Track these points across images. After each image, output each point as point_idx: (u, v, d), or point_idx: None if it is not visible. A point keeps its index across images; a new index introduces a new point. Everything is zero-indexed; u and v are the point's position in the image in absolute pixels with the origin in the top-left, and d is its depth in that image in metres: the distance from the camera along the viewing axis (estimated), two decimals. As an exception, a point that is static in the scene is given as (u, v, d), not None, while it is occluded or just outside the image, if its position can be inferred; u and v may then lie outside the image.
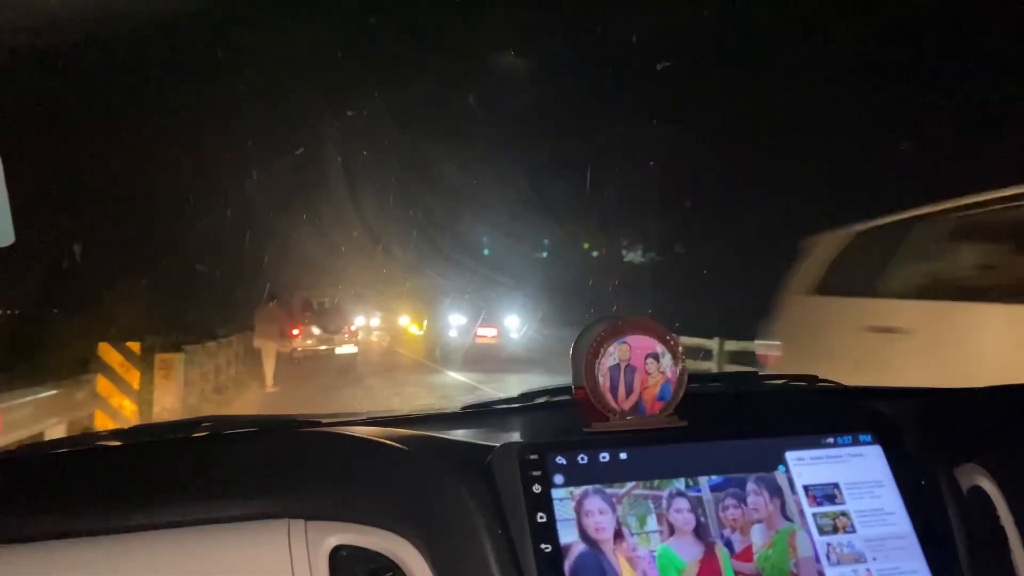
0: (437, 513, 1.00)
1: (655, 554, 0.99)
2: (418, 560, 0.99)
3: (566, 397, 1.23)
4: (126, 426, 1.34)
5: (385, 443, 1.11)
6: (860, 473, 1.08)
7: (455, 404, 1.45)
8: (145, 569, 0.97)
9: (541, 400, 1.39)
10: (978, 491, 1.14)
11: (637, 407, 1.14)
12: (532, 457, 1.01)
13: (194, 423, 1.26)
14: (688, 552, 1.00)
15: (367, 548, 1.00)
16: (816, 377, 1.52)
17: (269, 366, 12.49)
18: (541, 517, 0.98)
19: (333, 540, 1.00)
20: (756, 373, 1.48)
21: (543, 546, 0.96)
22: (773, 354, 5.10)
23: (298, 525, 1.01)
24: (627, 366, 1.14)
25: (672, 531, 1.01)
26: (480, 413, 1.36)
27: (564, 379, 1.26)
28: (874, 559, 1.02)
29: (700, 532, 1.01)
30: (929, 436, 1.13)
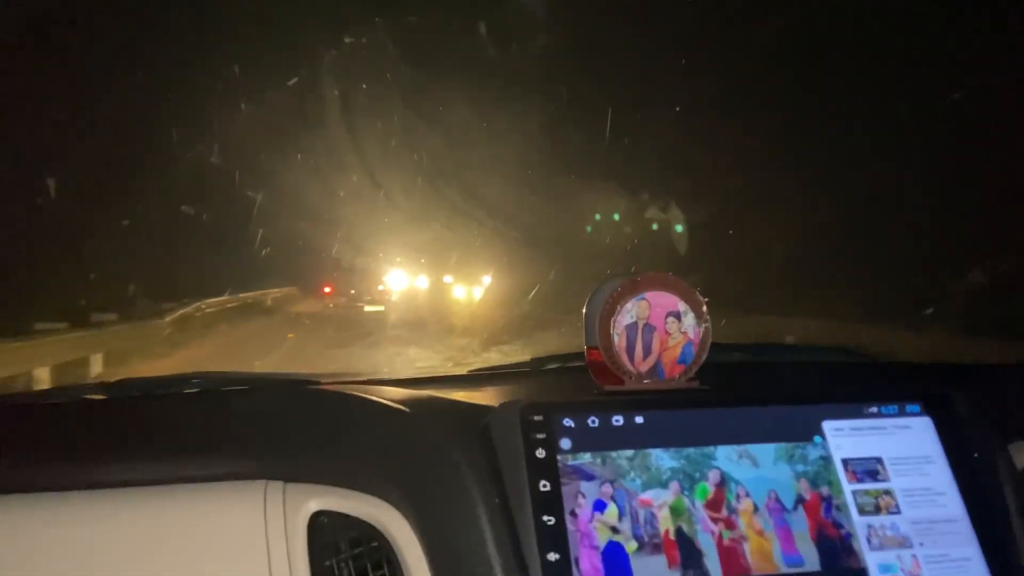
0: (428, 477, 0.90)
1: (673, 536, 0.87)
2: (404, 529, 0.89)
3: (580, 363, 1.13)
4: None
5: (377, 401, 1.01)
6: (907, 447, 0.95)
7: (462, 368, 1.36)
8: (117, 526, 0.92)
9: (553, 366, 1.30)
10: None
11: (655, 370, 1.03)
12: (536, 418, 0.90)
13: (184, 379, 1.19)
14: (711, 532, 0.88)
15: (350, 514, 0.92)
16: (848, 349, 1.39)
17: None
18: (544, 485, 0.87)
19: (313, 505, 0.92)
20: (782, 345, 1.35)
21: (545, 518, 0.85)
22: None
23: (276, 487, 0.94)
24: (645, 325, 1.03)
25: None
26: (487, 376, 1.26)
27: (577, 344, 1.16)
28: (921, 544, 0.90)
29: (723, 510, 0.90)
30: (983, 409, 1.00)
